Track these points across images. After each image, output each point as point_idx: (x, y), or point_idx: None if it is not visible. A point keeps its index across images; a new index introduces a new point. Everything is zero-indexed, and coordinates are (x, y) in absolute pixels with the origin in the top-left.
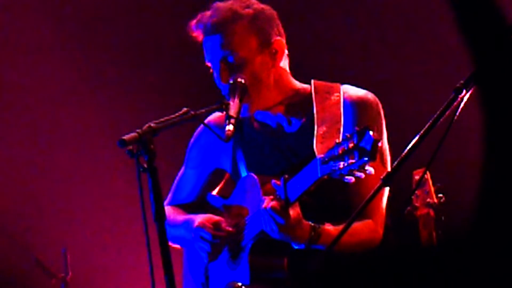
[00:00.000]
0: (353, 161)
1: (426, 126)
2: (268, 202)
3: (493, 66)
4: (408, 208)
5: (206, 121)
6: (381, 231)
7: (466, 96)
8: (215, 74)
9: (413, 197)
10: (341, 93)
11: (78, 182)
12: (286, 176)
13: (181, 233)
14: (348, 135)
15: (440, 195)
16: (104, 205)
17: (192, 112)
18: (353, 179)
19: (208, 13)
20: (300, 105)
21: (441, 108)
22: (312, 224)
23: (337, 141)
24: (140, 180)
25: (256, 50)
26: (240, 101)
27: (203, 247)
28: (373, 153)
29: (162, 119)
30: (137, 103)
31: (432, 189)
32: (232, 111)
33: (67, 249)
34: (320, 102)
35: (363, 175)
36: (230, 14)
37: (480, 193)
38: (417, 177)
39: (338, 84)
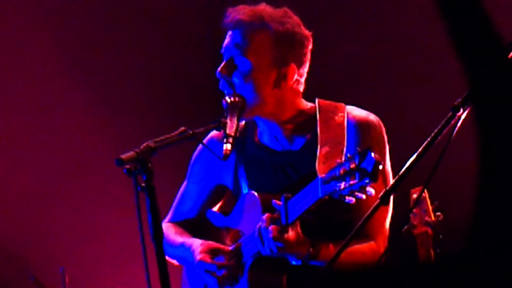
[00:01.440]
0: (354, 182)
1: (424, 145)
2: (268, 224)
3: (489, 86)
4: (406, 226)
5: (209, 136)
6: (382, 249)
7: (463, 114)
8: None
9: (411, 215)
10: (345, 113)
11: (77, 201)
12: (288, 195)
13: (179, 254)
14: (349, 155)
15: (438, 213)
16: (103, 224)
17: (190, 131)
18: (353, 200)
19: (245, 9)
20: (304, 124)
21: (439, 126)
22: (311, 241)
23: (338, 161)
24: (138, 199)
25: (266, 65)
26: (238, 120)
27: (211, 279)
28: (374, 175)
29: (159, 138)
30: (136, 122)
31: (430, 207)
32: (230, 130)
33: (65, 268)
34: (324, 121)
35: (363, 196)
36: (259, 21)
37: (476, 211)
38: (414, 196)
39: (342, 104)
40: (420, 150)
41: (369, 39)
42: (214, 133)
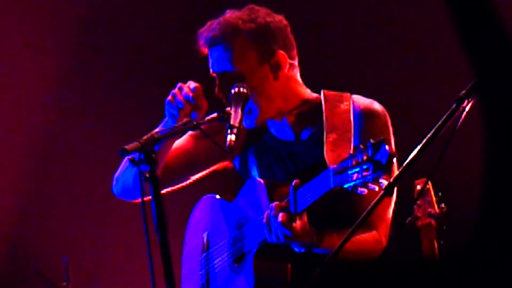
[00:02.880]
0: (368, 173)
1: (428, 136)
2: (277, 212)
3: (494, 78)
4: (410, 218)
5: None
6: (385, 241)
7: (468, 106)
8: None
9: (414, 207)
10: (351, 101)
11: (79, 192)
12: (297, 182)
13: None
14: (362, 146)
15: (442, 205)
16: (106, 214)
17: (194, 122)
18: (366, 191)
19: (213, 25)
20: (309, 113)
21: (443, 118)
22: (315, 229)
23: (351, 152)
24: (141, 189)
25: (255, 65)
26: (242, 110)
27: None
28: (388, 167)
29: (163, 128)
30: (141, 114)
31: (434, 199)
32: (234, 121)
33: (69, 258)
34: (330, 109)
35: (376, 188)
36: (230, 29)
37: (482, 203)
38: (418, 187)
39: (348, 94)
40: (424, 141)
41: (371, 35)
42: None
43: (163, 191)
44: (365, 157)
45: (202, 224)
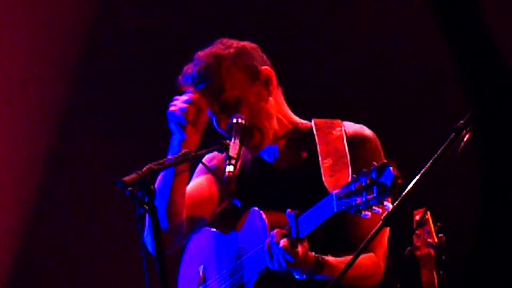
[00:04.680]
0: (372, 196)
1: (427, 166)
2: (278, 238)
3: (492, 108)
4: (409, 248)
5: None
6: (383, 264)
7: (466, 135)
8: (214, 122)
9: (413, 237)
10: (343, 128)
11: (79, 221)
12: (297, 211)
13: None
14: (365, 170)
15: (441, 235)
16: (106, 244)
17: (192, 153)
18: (369, 214)
19: (191, 64)
20: (300, 140)
21: (442, 148)
22: (316, 256)
23: (354, 176)
24: (140, 220)
25: (247, 85)
26: (240, 141)
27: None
28: (394, 189)
29: (162, 160)
30: (137, 144)
31: (433, 229)
32: (232, 152)
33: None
34: (322, 137)
35: (380, 211)
36: (213, 59)
37: (479, 233)
38: (417, 217)
39: (338, 120)
40: (423, 171)
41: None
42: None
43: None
44: (369, 181)
45: (197, 257)
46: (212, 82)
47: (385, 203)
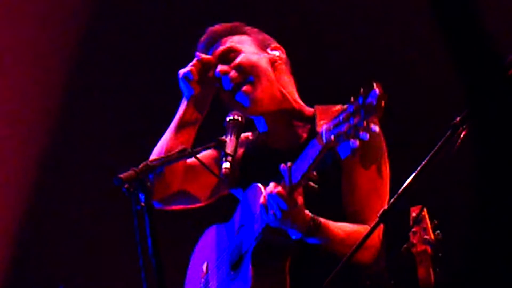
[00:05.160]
0: (358, 119)
1: (423, 163)
2: (274, 188)
3: (488, 106)
4: (405, 245)
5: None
6: (377, 240)
7: (463, 133)
8: (219, 69)
9: (410, 234)
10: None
11: (74, 218)
12: (290, 163)
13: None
14: (352, 99)
15: (437, 232)
16: (102, 241)
17: (189, 150)
18: (357, 142)
19: (216, 27)
20: (303, 122)
21: (438, 145)
22: (312, 215)
23: (341, 107)
24: (136, 217)
25: (255, 48)
26: (237, 138)
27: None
28: (379, 107)
29: (158, 157)
30: (134, 139)
31: (430, 226)
32: (229, 149)
33: (64, 285)
34: (321, 113)
35: (367, 136)
36: (226, 26)
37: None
38: (414, 214)
39: (340, 105)
40: (419, 168)
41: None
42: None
43: (175, 207)
44: (355, 107)
45: (201, 257)
46: (222, 42)
47: (372, 126)
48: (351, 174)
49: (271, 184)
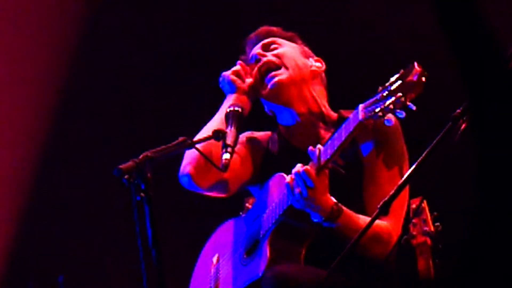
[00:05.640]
0: (398, 95)
1: (424, 155)
2: (301, 168)
3: (488, 97)
4: (405, 236)
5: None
6: (395, 238)
7: (463, 125)
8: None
9: (410, 225)
10: None
11: (75, 209)
12: (319, 146)
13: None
14: (391, 80)
15: (437, 223)
16: (102, 232)
17: (189, 141)
18: (393, 119)
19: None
20: (327, 126)
21: (439, 137)
22: (335, 201)
23: (379, 87)
24: (136, 208)
25: (297, 53)
26: (237, 129)
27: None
28: (419, 83)
29: (159, 148)
30: (136, 131)
31: (429, 217)
32: (229, 140)
33: (64, 277)
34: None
35: (404, 115)
36: (283, 30)
37: (472, 223)
38: (414, 206)
39: None
40: (420, 159)
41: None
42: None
43: (210, 194)
44: (394, 86)
45: (212, 251)
46: (275, 39)
47: (409, 104)
48: (373, 173)
49: (298, 165)
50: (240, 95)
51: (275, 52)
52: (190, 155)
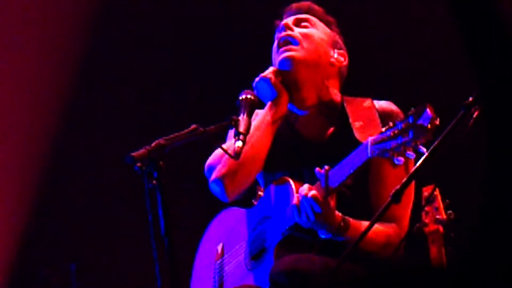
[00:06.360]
0: (408, 139)
1: (436, 142)
2: (309, 191)
3: (498, 87)
4: (417, 224)
5: None
6: (398, 240)
7: (475, 112)
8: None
9: (422, 213)
10: (373, 102)
11: (87, 198)
12: (327, 167)
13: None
14: (403, 117)
15: (449, 211)
16: (114, 220)
17: (201, 129)
18: (403, 159)
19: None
20: (332, 111)
21: (451, 124)
22: (342, 216)
23: (390, 124)
24: (149, 196)
25: (324, 40)
26: (249, 117)
27: None
28: (431, 130)
29: (171, 136)
30: (149, 120)
31: (442, 205)
32: (242, 127)
33: (76, 265)
34: (352, 109)
35: (414, 156)
36: (324, 12)
37: (485, 209)
38: (426, 194)
39: (368, 98)
40: (432, 147)
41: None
42: None
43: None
44: (405, 125)
45: (216, 236)
46: (308, 16)
47: (420, 147)
48: (379, 172)
49: (306, 186)
50: (282, 100)
51: (303, 30)
52: (224, 161)
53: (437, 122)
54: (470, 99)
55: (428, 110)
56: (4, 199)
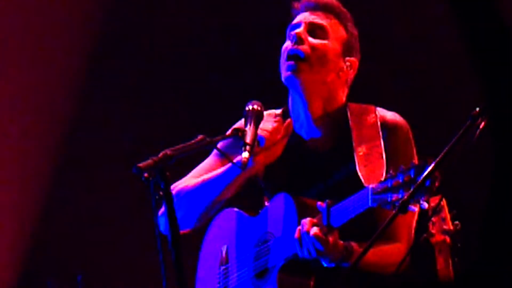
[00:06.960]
0: (409, 194)
1: (442, 153)
2: (309, 227)
3: (505, 98)
4: (424, 235)
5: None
6: (399, 259)
7: (482, 123)
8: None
9: (429, 224)
10: (377, 114)
11: (94, 209)
12: (329, 201)
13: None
14: (404, 167)
15: (456, 222)
16: (121, 232)
17: (208, 139)
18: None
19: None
20: (335, 121)
21: (458, 135)
22: (345, 244)
23: (392, 173)
24: (155, 207)
25: (337, 48)
26: (256, 128)
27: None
28: (432, 188)
29: (177, 146)
30: (155, 130)
31: (448, 216)
32: (248, 138)
33: (83, 276)
34: (356, 122)
35: (416, 209)
36: (345, 12)
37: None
38: (433, 204)
39: (372, 106)
40: (438, 158)
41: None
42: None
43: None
44: (406, 178)
45: (220, 237)
46: (323, 13)
47: (422, 202)
48: None
49: (307, 221)
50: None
51: (315, 42)
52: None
53: (438, 182)
54: (477, 110)
55: (429, 167)
56: (12, 209)
